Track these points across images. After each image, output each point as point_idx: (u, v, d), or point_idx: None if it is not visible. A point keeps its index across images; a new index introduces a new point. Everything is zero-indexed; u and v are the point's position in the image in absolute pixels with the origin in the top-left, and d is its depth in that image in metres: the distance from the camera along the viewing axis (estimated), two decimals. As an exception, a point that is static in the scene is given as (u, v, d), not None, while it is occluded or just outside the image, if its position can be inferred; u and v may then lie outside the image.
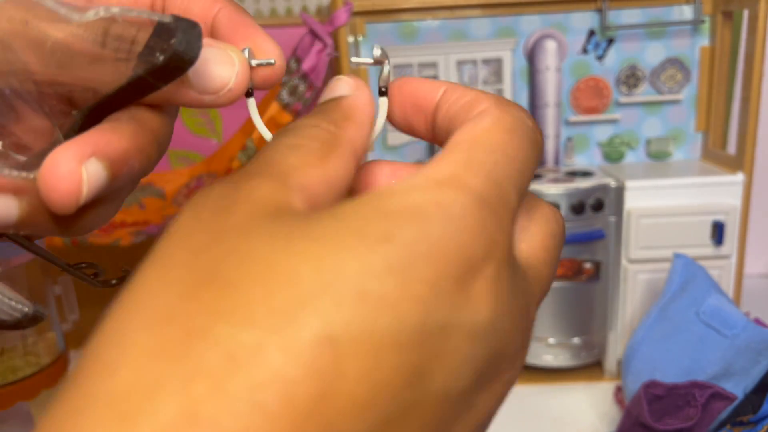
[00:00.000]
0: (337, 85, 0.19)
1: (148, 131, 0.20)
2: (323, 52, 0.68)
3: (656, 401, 0.58)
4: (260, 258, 0.14)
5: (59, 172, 0.17)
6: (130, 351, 0.13)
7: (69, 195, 0.17)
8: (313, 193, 0.16)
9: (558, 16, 0.77)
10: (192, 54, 0.17)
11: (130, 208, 0.70)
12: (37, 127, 0.18)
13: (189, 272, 0.14)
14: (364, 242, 0.14)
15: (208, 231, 0.14)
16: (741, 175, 0.69)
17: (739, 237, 0.70)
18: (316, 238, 0.14)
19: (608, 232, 0.72)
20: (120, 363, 0.13)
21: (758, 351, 0.57)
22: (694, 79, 0.78)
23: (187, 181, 0.73)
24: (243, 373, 0.12)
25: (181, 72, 0.18)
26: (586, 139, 0.81)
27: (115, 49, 0.18)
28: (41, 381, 0.62)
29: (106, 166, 0.18)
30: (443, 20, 0.77)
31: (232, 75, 0.20)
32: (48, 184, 0.17)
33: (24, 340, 0.62)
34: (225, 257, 0.14)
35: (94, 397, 0.12)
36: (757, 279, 0.89)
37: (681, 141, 0.80)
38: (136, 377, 0.12)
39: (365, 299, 0.13)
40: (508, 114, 0.17)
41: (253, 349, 0.12)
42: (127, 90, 0.18)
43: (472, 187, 0.15)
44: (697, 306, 0.63)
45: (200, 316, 0.13)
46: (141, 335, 0.13)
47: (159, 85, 0.18)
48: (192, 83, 0.20)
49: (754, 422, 0.53)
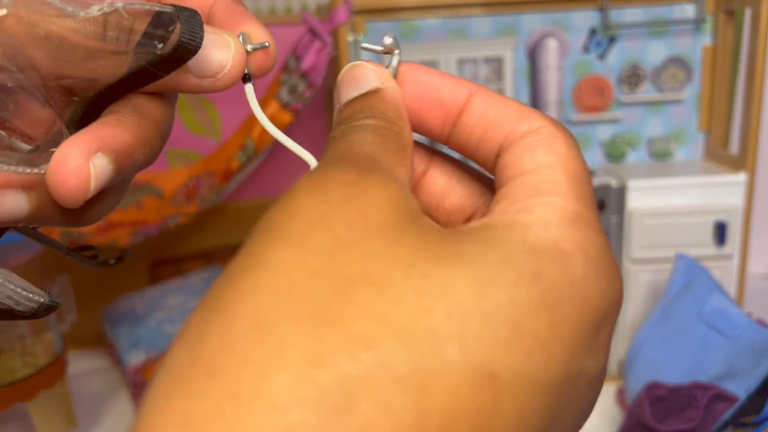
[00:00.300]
0: (366, 74, 0.19)
1: (151, 122, 0.20)
2: (323, 50, 0.67)
3: (658, 402, 0.58)
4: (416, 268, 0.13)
5: (68, 167, 0.17)
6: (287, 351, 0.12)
7: (77, 190, 0.17)
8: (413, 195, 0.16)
9: (559, 15, 0.76)
10: (195, 43, 0.18)
11: (128, 207, 0.70)
12: (40, 118, 0.19)
13: (337, 264, 0.13)
14: (517, 275, 0.13)
15: (348, 222, 0.13)
16: (743, 175, 0.69)
17: (741, 237, 0.70)
18: (470, 261, 0.13)
19: (610, 232, 0.71)
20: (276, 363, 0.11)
21: (761, 352, 0.57)
22: (697, 78, 0.77)
23: (186, 180, 0.73)
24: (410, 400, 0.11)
25: (184, 61, 0.18)
26: (588, 138, 0.80)
27: (115, 40, 0.18)
28: (39, 382, 0.61)
29: (112, 160, 0.18)
30: (444, 18, 0.77)
31: (229, 58, 0.20)
32: (57, 180, 0.17)
33: (22, 340, 0.62)
34: (373, 257, 0.13)
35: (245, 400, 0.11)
36: (759, 279, 0.89)
37: (683, 140, 0.80)
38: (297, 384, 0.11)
39: (521, 337, 0.13)
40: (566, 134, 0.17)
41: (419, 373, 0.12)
42: (128, 80, 0.18)
43: (596, 227, 0.16)
44: (699, 306, 0.63)
45: (360, 320, 0.12)
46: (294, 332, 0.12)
47: (162, 74, 0.18)
48: (190, 68, 0.20)
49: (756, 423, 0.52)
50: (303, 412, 0.11)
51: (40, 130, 0.19)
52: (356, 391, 0.11)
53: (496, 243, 0.14)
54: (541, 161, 0.16)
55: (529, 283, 0.13)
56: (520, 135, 0.17)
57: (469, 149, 0.19)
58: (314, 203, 0.14)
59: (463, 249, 0.14)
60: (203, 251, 0.87)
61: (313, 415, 0.11)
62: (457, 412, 0.12)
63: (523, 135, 0.17)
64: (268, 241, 0.13)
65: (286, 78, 0.70)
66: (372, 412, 0.11)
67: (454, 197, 0.20)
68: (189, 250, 0.87)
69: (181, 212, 0.72)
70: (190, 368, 0.12)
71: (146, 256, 0.85)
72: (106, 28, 0.18)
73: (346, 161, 0.15)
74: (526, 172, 0.16)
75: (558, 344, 0.13)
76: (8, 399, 0.59)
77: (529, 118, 0.18)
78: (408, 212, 0.14)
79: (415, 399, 0.11)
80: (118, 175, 0.19)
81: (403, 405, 0.11)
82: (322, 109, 0.84)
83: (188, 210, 0.72)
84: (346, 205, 0.14)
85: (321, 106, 0.84)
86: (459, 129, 0.19)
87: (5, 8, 0.16)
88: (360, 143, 0.16)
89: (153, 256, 0.85)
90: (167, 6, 0.18)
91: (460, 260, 0.13)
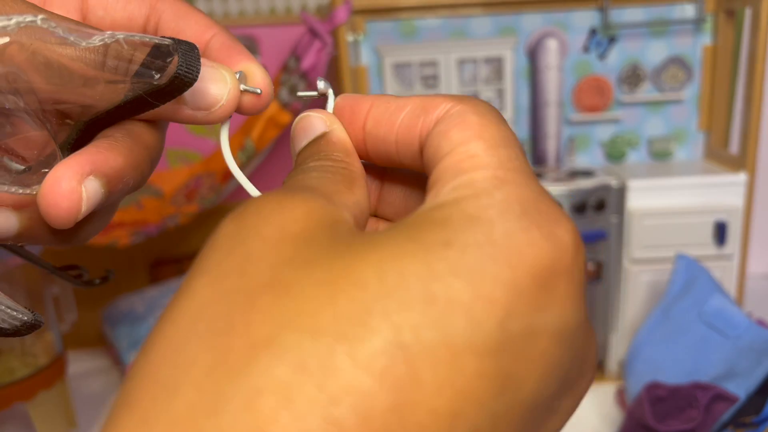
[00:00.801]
0: (312, 123, 0.20)
1: (143, 147, 0.20)
2: (323, 50, 0.67)
3: (658, 403, 0.58)
4: (319, 264, 0.13)
5: (60, 189, 0.18)
6: (189, 368, 0.12)
7: (69, 211, 0.18)
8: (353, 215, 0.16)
9: (559, 15, 0.76)
10: (192, 76, 0.18)
11: (128, 208, 0.70)
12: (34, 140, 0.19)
13: (244, 279, 0.13)
14: (424, 247, 0.13)
15: (261, 238, 0.14)
16: (744, 175, 0.69)
17: (741, 237, 0.70)
18: (376, 246, 0.14)
19: (610, 232, 0.71)
20: (179, 382, 0.12)
21: (761, 352, 0.57)
22: (697, 78, 0.77)
23: (186, 180, 0.73)
24: (314, 386, 0.11)
25: (179, 92, 0.19)
26: (588, 138, 0.80)
27: (114, 69, 0.18)
28: (39, 382, 0.61)
29: (104, 184, 0.19)
30: (444, 18, 0.77)
31: (225, 93, 0.21)
32: (49, 201, 0.18)
33: (21, 341, 0.62)
34: (282, 264, 0.13)
35: (154, 422, 0.11)
36: (759, 279, 0.89)
37: (683, 140, 0.80)
38: (197, 396, 0.11)
39: (433, 303, 0.13)
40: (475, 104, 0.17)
41: (322, 358, 0.12)
42: (124, 107, 0.19)
43: (521, 182, 0.15)
44: (699, 307, 0.63)
45: (262, 324, 0.12)
46: (199, 349, 0.12)
47: (157, 104, 0.19)
48: (186, 100, 0.20)
49: (756, 423, 0.52)
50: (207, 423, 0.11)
51: (34, 151, 0.19)
52: (258, 390, 0.11)
53: (404, 226, 0.14)
54: (456, 139, 0.16)
55: (439, 251, 0.13)
56: (432, 123, 0.17)
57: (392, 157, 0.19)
58: (234, 229, 0.14)
59: (372, 239, 0.14)
60: (203, 251, 0.87)
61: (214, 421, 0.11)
62: (370, 389, 0.12)
63: (435, 123, 0.17)
64: (191, 274, 0.14)
65: (286, 78, 0.70)
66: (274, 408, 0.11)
67: (415, 201, 0.21)
68: (189, 250, 0.87)
69: (181, 212, 0.72)
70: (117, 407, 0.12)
71: (146, 256, 0.85)
72: (106, 57, 0.18)
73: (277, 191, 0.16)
74: (446, 155, 0.16)
75: (482, 305, 0.13)
76: (8, 399, 0.59)
77: (435, 105, 0.18)
78: (328, 220, 0.15)
79: (321, 385, 0.11)
80: (108, 198, 0.19)
81: (307, 393, 0.11)
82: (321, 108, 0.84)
83: (188, 210, 0.72)
84: (262, 224, 0.14)
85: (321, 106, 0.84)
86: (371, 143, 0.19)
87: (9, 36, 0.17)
88: (302, 180, 0.17)
89: (153, 256, 0.85)
90: (166, 38, 0.18)
91: (365, 248, 0.13)
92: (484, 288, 0.13)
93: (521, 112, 0.80)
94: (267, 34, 0.82)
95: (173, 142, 0.81)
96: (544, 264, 0.14)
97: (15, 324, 0.19)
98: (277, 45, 0.82)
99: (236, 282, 0.13)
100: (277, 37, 0.82)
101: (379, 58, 0.77)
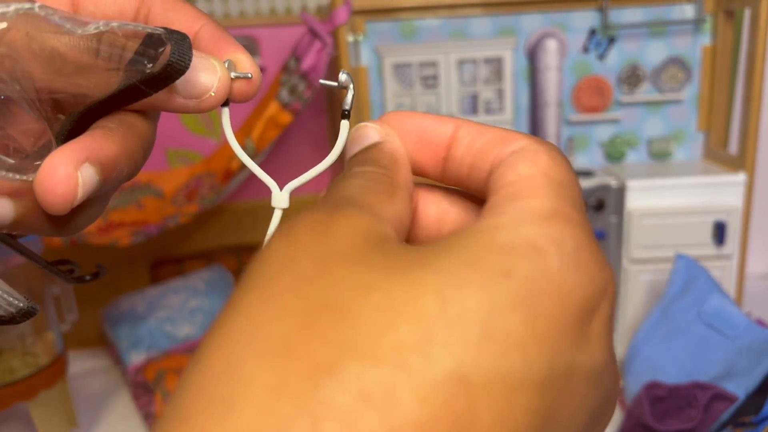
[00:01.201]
0: (367, 133, 0.20)
1: (136, 137, 0.21)
2: (323, 51, 0.67)
3: (658, 402, 0.58)
4: (377, 287, 0.13)
5: (57, 175, 0.18)
6: (251, 386, 0.12)
7: (65, 197, 0.18)
8: (394, 228, 0.16)
9: (559, 15, 0.77)
10: (184, 64, 0.19)
11: (128, 208, 0.70)
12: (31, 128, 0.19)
13: (300, 299, 0.13)
14: (485, 276, 0.13)
15: (312, 258, 0.14)
16: (743, 175, 0.69)
17: (740, 237, 0.70)
18: (435, 269, 0.13)
19: (609, 232, 0.71)
20: (241, 400, 0.12)
21: (760, 352, 0.57)
22: (696, 79, 0.78)
23: (187, 180, 0.73)
24: (376, 416, 0.11)
25: (172, 81, 0.19)
26: (587, 138, 0.81)
27: (107, 57, 0.19)
28: (39, 382, 0.61)
29: (98, 171, 0.19)
30: (444, 19, 0.77)
31: (215, 81, 0.21)
32: (45, 187, 0.18)
33: (22, 340, 0.62)
34: (337, 284, 0.13)
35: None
36: (758, 279, 0.89)
37: (682, 140, 0.80)
38: (261, 416, 0.11)
39: (493, 337, 0.13)
40: (550, 147, 0.18)
41: (384, 388, 0.12)
42: (118, 96, 0.19)
43: (576, 220, 0.15)
44: (698, 307, 0.63)
45: (323, 347, 0.12)
46: (260, 368, 0.12)
47: (150, 92, 0.19)
48: (178, 89, 0.21)
49: (755, 423, 0.52)
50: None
51: (31, 140, 0.19)
52: (321, 415, 0.11)
53: (462, 248, 0.14)
54: (522, 172, 0.17)
55: (498, 281, 0.13)
56: (506, 156, 0.18)
57: (461, 180, 0.20)
58: (283, 247, 0.15)
59: (429, 260, 0.14)
60: (204, 251, 0.87)
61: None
62: (431, 422, 0.12)
63: (509, 155, 0.18)
64: (242, 289, 0.14)
65: (286, 78, 0.70)
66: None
67: (450, 221, 0.21)
68: (189, 250, 0.87)
69: (182, 212, 0.72)
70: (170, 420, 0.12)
71: (147, 256, 0.85)
72: (101, 45, 0.19)
73: (320, 205, 0.16)
74: (508, 184, 0.17)
75: (536, 341, 0.13)
76: (8, 399, 0.59)
77: (513, 140, 0.18)
78: (375, 238, 0.15)
79: (382, 416, 0.12)
80: (103, 185, 0.19)
81: (369, 423, 0.11)
82: (322, 109, 0.85)
83: (189, 210, 0.72)
84: (311, 243, 0.14)
85: (321, 106, 0.84)
86: (450, 163, 0.20)
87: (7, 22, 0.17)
88: (344, 189, 0.17)
89: (153, 256, 0.85)
90: (159, 28, 0.19)
91: (423, 271, 0.13)
92: (539, 325, 0.13)
93: (521, 113, 0.80)
94: (267, 35, 0.82)
95: (174, 142, 0.82)
96: (586, 305, 0.14)
97: (11, 311, 0.19)
98: (278, 45, 0.82)
99: (292, 301, 0.13)
100: (278, 38, 0.82)
101: (379, 59, 0.78)
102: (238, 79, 0.22)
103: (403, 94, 0.79)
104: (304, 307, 0.13)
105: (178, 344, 0.77)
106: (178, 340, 0.77)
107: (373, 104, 0.80)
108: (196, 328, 0.79)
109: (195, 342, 0.78)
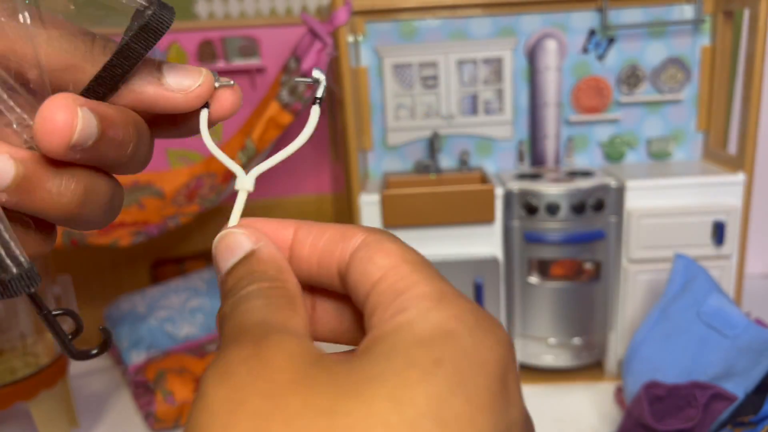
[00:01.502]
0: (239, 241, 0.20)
1: (130, 116, 0.21)
2: (323, 51, 0.67)
3: (657, 402, 0.58)
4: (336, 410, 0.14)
5: (57, 103, 0.18)
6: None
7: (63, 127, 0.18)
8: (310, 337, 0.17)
9: (558, 16, 0.77)
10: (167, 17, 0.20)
11: (129, 208, 0.70)
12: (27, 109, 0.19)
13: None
14: (422, 371, 0.15)
15: (261, 394, 0.15)
16: (742, 175, 0.69)
17: (739, 237, 0.70)
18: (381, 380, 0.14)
19: (609, 232, 0.71)
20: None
21: (759, 351, 0.57)
22: (695, 79, 0.78)
23: (187, 180, 0.73)
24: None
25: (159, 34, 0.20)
26: (587, 138, 0.81)
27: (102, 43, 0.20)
28: (40, 381, 0.61)
29: (97, 119, 0.19)
30: (443, 19, 0.77)
31: (200, 77, 0.22)
32: (45, 116, 0.18)
33: (23, 340, 0.62)
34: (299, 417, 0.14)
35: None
36: (757, 279, 0.89)
37: (682, 141, 0.80)
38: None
39: (446, 425, 0.14)
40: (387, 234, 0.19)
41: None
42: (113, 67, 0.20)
43: (459, 294, 0.17)
44: (698, 306, 0.63)
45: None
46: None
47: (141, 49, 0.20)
48: (166, 79, 0.21)
49: (754, 422, 0.53)
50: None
51: None
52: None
53: (392, 352, 0.15)
54: (383, 264, 0.18)
55: (434, 372, 0.15)
56: (353, 251, 0.19)
57: (313, 276, 0.20)
58: (226, 393, 0.15)
59: (370, 372, 0.15)
60: (204, 251, 0.88)
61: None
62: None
63: (355, 251, 0.19)
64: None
65: (286, 79, 0.71)
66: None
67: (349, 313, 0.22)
68: (190, 250, 0.87)
69: (182, 212, 0.73)
70: None
71: (147, 256, 0.85)
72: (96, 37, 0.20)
73: (240, 337, 0.17)
74: (378, 280, 0.18)
75: (479, 412, 0.14)
76: (9, 398, 0.59)
77: (353, 234, 0.19)
78: (310, 358, 0.16)
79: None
80: (100, 140, 0.19)
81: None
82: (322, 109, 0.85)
83: (189, 210, 0.73)
84: (254, 380, 0.15)
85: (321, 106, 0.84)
86: (297, 263, 0.20)
87: None
88: (249, 313, 0.18)
89: (154, 256, 0.86)
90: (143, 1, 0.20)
91: (371, 384, 0.14)
92: (476, 398, 0.15)
93: (520, 113, 0.81)
94: (267, 35, 0.82)
95: (174, 143, 0.82)
96: (501, 366, 0.16)
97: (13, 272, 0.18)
98: (278, 46, 0.82)
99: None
100: (278, 38, 0.82)
101: (379, 59, 0.78)
102: (222, 89, 0.23)
103: (403, 94, 0.80)
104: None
105: (179, 344, 0.77)
106: (178, 340, 0.77)
107: (374, 104, 0.80)
108: (196, 328, 0.79)
109: (195, 342, 0.78)
